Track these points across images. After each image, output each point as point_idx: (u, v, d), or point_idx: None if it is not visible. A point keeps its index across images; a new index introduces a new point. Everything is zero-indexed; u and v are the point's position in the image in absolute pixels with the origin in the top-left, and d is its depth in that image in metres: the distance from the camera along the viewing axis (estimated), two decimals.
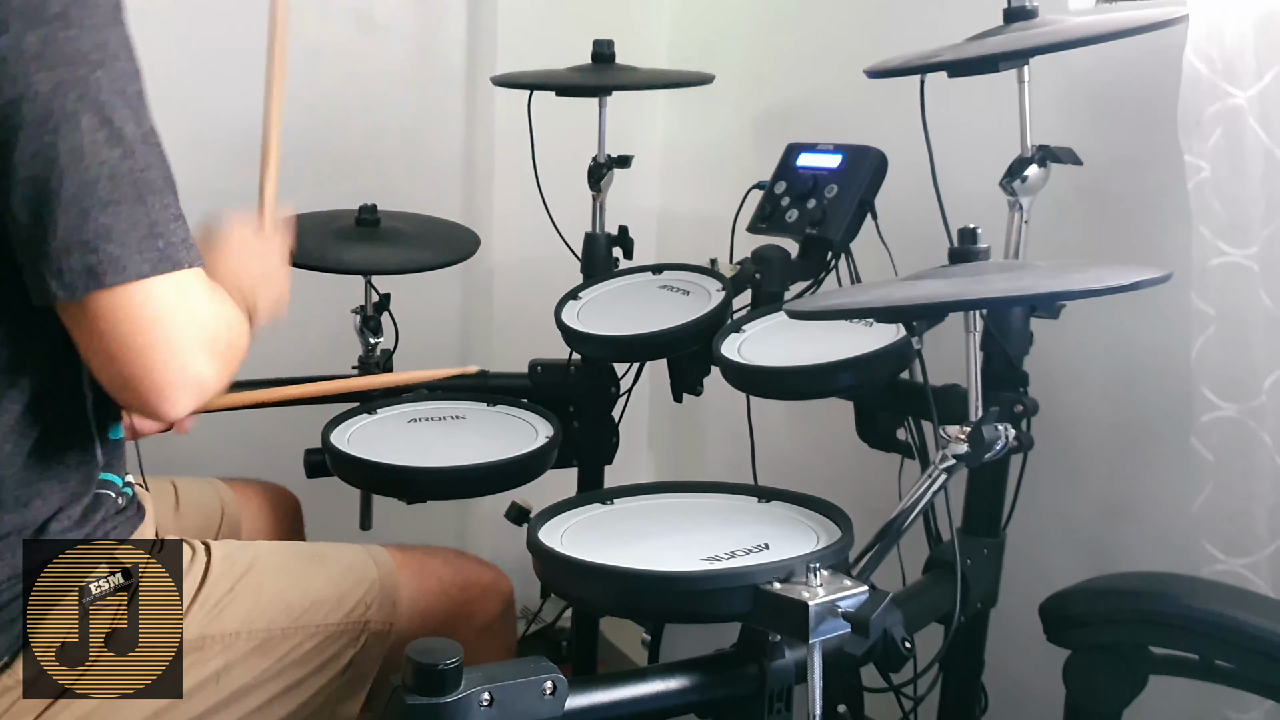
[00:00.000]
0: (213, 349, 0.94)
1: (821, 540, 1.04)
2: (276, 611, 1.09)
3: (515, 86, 1.78)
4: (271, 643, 1.08)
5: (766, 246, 1.55)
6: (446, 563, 1.26)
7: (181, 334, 0.91)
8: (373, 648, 1.14)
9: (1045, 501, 1.45)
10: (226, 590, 1.08)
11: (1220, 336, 1.22)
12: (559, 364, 1.76)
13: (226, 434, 1.88)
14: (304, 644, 1.10)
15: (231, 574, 1.09)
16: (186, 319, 0.92)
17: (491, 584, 1.28)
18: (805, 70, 2.01)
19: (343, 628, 1.12)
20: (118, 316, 0.88)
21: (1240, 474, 1.23)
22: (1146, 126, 1.37)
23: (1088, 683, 1.17)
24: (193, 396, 0.93)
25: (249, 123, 1.29)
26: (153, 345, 0.89)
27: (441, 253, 1.82)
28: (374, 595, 1.15)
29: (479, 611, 1.25)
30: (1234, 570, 1.23)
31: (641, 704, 0.97)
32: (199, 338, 0.93)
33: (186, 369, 0.91)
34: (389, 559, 1.20)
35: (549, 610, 2.12)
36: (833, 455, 1.72)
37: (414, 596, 1.19)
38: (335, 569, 1.16)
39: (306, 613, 1.11)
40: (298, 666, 1.09)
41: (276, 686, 1.08)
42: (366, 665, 1.14)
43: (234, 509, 1.40)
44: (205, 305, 0.95)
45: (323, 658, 1.11)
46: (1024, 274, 1.06)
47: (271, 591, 1.10)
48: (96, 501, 1.02)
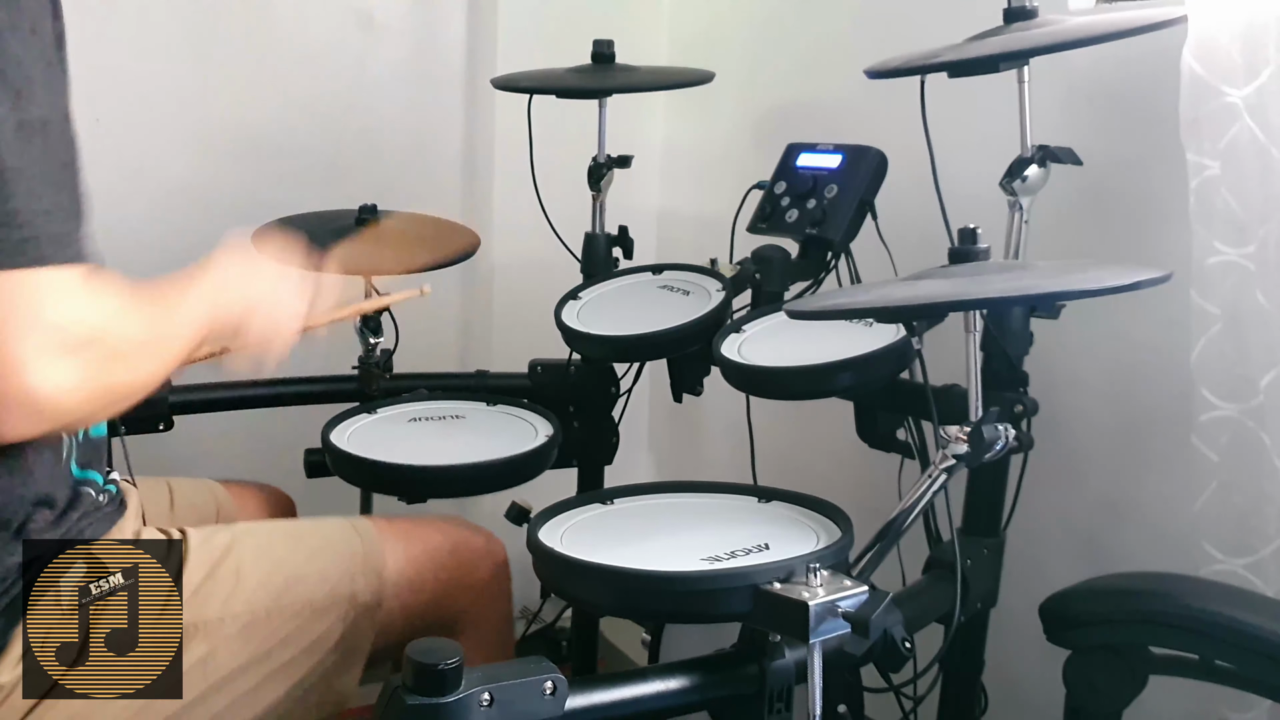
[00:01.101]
0: (72, 353, 0.82)
1: (821, 540, 1.04)
2: (257, 593, 1.08)
3: (515, 90, 1.78)
4: (255, 625, 1.07)
5: (766, 246, 1.55)
6: (436, 530, 1.24)
7: (16, 335, 0.79)
8: (362, 620, 1.13)
9: (1045, 501, 1.44)
10: (205, 576, 1.07)
11: (1219, 336, 1.22)
12: (559, 364, 1.76)
13: (226, 434, 1.89)
14: (289, 623, 1.08)
15: (209, 559, 1.08)
16: (30, 319, 0.80)
17: (483, 547, 1.26)
18: (805, 70, 2.01)
19: (328, 603, 1.11)
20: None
21: (1240, 474, 1.23)
22: (1146, 126, 1.37)
23: (1088, 683, 1.17)
24: (27, 414, 0.81)
25: (249, 123, 1.29)
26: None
27: (441, 253, 1.82)
28: (358, 566, 1.14)
29: (472, 576, 1.24)
30: (1234, 570, 1.23)
31: (641, 704, 0.97)
32: (50, 341, 0.81)
33: (18, 375, 0.79)
34: (373, 529, 1.19)
35: (549, 610, 2.11)
36: (833, 455, 1.72)
37: (402, 566, 1.17)
38: (315, 544, 1.15)
39: (287, 591, 1.09)
40: (285, 647, 1.08)
41: (266, 669, 1.07)
42: (358, 639, 1.12)
43: (229, 510, 1.40)
44: (74, 307, 0.83)
45: (311, 636, 1.10)
46: (1024, 274, 1.06)
47: (251, 574, 1.09)
48: (75, 499, 1.01)
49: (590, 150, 1.81)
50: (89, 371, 0.84)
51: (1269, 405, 1.21)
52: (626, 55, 1.80)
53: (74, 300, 0.83)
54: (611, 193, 1.82)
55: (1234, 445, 1.23)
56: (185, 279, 1.01)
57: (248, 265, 1.09)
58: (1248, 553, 1.23)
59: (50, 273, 0.82)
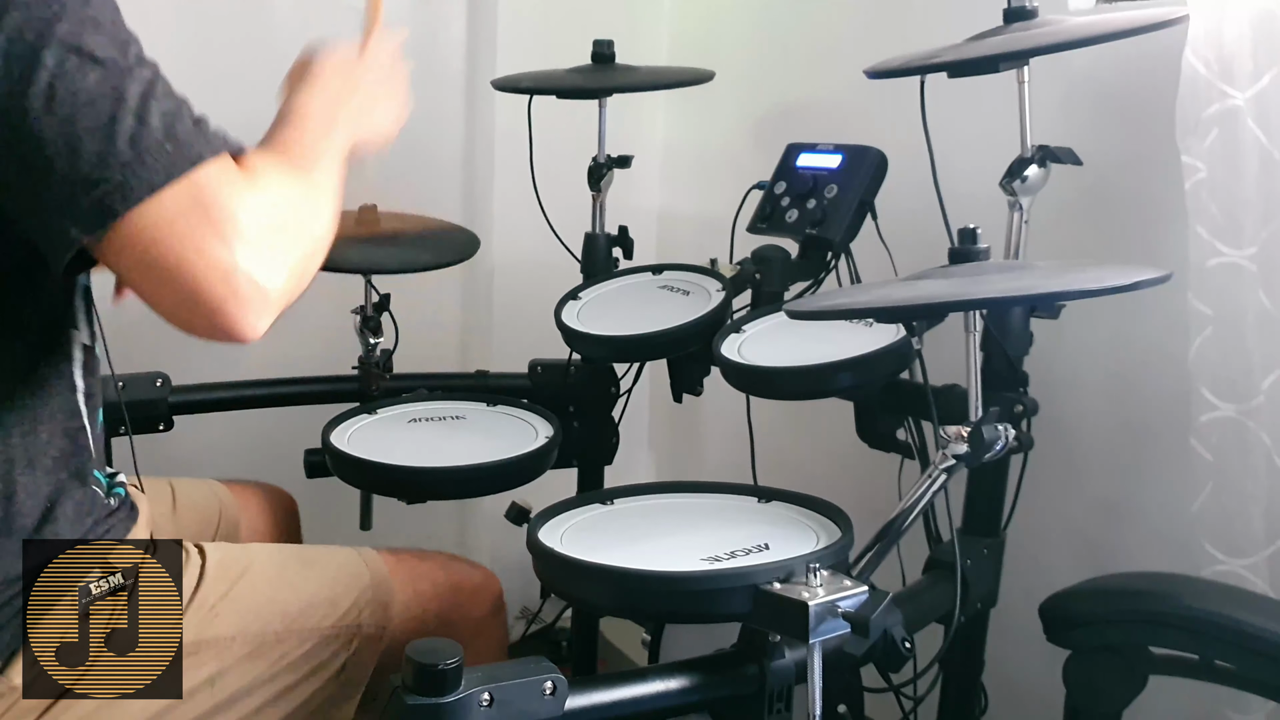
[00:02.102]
0: (265, 240, 0.84)
1: (821, 540, 1.04)
2: (270, 615, 1.09)
3: (515, 90, 1.78)
4: (265, 647, 1.07)
5: (766, 246, 1.55)
6: (438, 566, 1.26)
7: (219, 232, 0.81)
8: (365, 651, 1.13)
9: (1045, 501, 1.44)
10: (222, 595, 1.07)
11: (1218, 337, 1.22)
12: (559, 364, 1.76)
13: (226, 434, 1.89)
14: (297, 648, 1.09)
15: (227, 578, 1.09)
16: (221, 213, 0.82)
17: (481, 584, 1.27)
18: (805, 70, 2.01)
19: (336, 631, 1.12)
20: (144, 241, 0.80)
21: (1239, 474, 1.23)
22: (1146, 126, 1.37)
23: (1088, 683, 1.17)
24: (263, 299, 0.83)
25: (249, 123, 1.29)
26: (191, 257, 0.80)
27: (441, 253, 1.82)
28: (367, 599, 1.15)
29: (470, 613, 1.25)
30: (1234, 570, 1.23)
31: (641, 704, 0.97)
32: (244, 229, 0.82)
33: (238, 269, 0.81)
34: (381, 563, 1.20)
35: (549, 610, 2.12)
36: (833, 455, 1.72)
37: (408, 601, 1.18)
38: (328, 572, 1.16)
39: (300, 616, 1.10)
40: (291, 671, 1.09)
41: (270, 691, 1.07)
42: (360, 669, 1.13)
43: (232, 510, 1.40)
44: (243, 192, 0.84)
45: (316, 661, 1.10)
46: (1024, 274, 1.06)
47: (265, 595, 1.10)
48: (90, 500, 1.02)
49: (590, 150, 1.81)
50: (286, 246, 0.86)
51: (1268, 405, 1.21)
52: (626, 55, 1.80)
53: (242, 185, 0.85)
54: (611, 193, 1.82)
55: (1233, 445, 1.23)
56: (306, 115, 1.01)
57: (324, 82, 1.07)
58: (1246, 553, 1.23)
59: (211, 168, 0.83)
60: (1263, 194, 1.20)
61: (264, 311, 0.84)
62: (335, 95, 1.05)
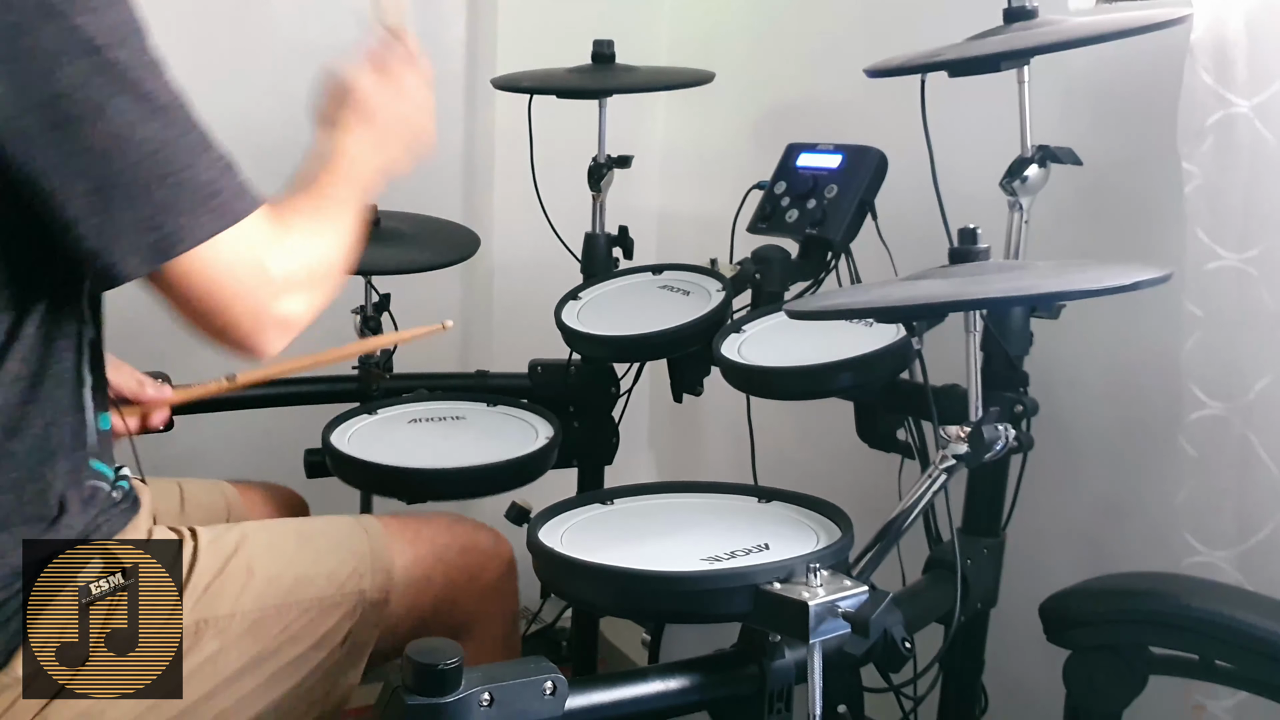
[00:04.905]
0: (294, 282, 0.96)
1: (821, 540, 1.04)
2: (267, 590, 1.09)
3: (515, 90, 1.78)
4: (265, 622, 1.08)
5: (766, 246, 1.55)
6: (443, 528, 1.25)
7: (255, 282, 0.94)
8: (369, 617, 1.13)
9: (1045, 501, 1.44)
10: (216, 573, 1.07)
11: (1214, 339, 1.23)
12: (559, 364, 1.76)
13: (227, 434, 1.89)
14: (298, 620, 1.09)
15: (219, 556, 1.09)
16: (258, 265, 0.94)
17: (491, 547, 1.27)
18: (805, 70, 2.01)
19: (336, 600, 1.12)
20: (192, 281, 0.91)
21: (1237, 474, 1.23)
22: (1146, 127, 1.37)
23: (1088, 683, 1.17)
24: (282, 334, 0.97)
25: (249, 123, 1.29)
26: (231, 300, 0.93)
27: (441, 253, 1.82)
28: (366, 565, 1.15)
29: (480, 575, 1.24)
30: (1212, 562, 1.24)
31: (641, 704, 0.97)
32: (275, 278, 0.95)
33: (267, 312, 0.94)
34: (380, 527, 1.20)
35: (549, 610, 2.11)
36: (833, 455, 1.72)
37: (409, 564, 1.18)
38: (324, 542, 1.16)
39: (297, 588, 1.10)
40: (294, 643, 1.09)
41: (274, 665, 1.08)
42: (364, 635, 1.13)
43: (240, 510, 1.40)
44: (276, 243, 0.96)
45: (319, 633, 1.11)
46: (1024, 274, 1.06)
47: (261, 570, 1.10)
48: (93, 494, 1.02)
49: (590, 150, 1.81)
50: (313, 285, 0.99)
51: (1258, 405, 1.21)
52: (626, 55, 1.80)
53: (274, 235, 0.96)
54: (611, 193, 1.82)
55: (1231, 445, 1.23)
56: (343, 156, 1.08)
57: (359, 105, 1.12)
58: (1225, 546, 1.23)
59: (251, 221, 0.93)
60: (1264, 197, 1.20)
61: (284, 339, 0.97)
62: (375, 140, 1.10)
